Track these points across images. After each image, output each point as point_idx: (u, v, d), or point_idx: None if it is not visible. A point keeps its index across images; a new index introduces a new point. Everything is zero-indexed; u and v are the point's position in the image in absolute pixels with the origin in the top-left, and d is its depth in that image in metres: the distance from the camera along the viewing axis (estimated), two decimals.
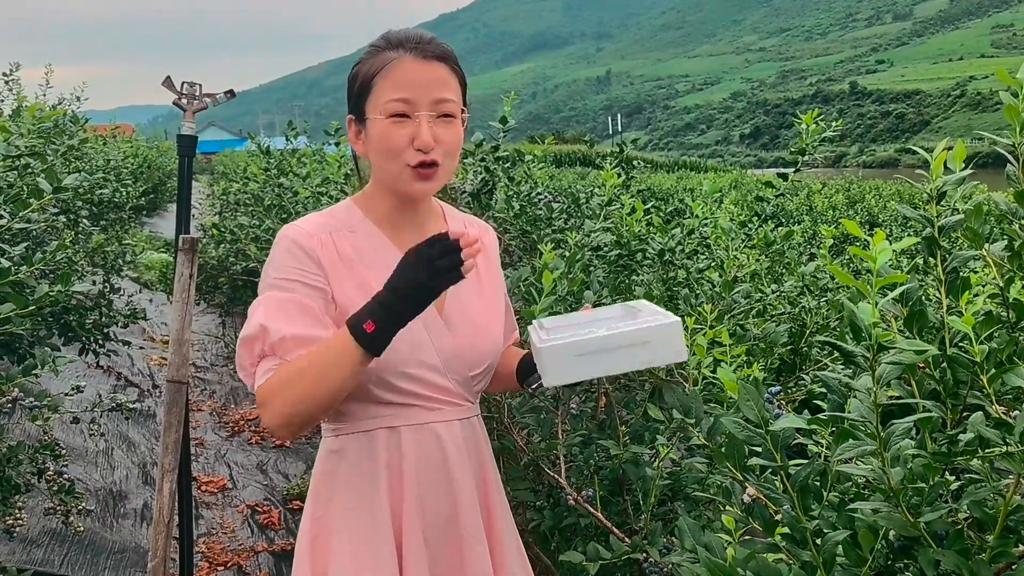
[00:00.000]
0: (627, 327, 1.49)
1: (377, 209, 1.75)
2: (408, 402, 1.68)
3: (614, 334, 1.47)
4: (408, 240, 1.73)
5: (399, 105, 1.62)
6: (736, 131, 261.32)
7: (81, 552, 3.65)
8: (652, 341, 1.47)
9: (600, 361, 1.48)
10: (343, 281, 1.65)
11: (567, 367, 1.48)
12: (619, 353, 1.48)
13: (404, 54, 1.64)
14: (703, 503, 2.43)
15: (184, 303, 2.60)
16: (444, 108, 1.65)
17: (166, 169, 17.91)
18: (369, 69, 1.67)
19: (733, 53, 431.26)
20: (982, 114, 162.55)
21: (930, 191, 1.37)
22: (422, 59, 1.64)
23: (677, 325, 1.48)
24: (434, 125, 1.63)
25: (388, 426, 1.68)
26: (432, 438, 1.70)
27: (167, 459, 2.57)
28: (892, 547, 1.29)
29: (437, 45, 1.68)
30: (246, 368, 1.60)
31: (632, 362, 1.49)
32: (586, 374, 1.50)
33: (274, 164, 5.85)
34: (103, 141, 8.79)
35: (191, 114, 2.71)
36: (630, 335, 1.47)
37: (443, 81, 1.66)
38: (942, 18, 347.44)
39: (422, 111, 1.62)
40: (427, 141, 1.62)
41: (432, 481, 1.69)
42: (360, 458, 1.68)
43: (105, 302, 4.23)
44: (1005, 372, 1.25)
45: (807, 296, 3.18)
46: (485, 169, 3.37)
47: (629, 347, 1.47)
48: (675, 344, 1.48)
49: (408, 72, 1.63)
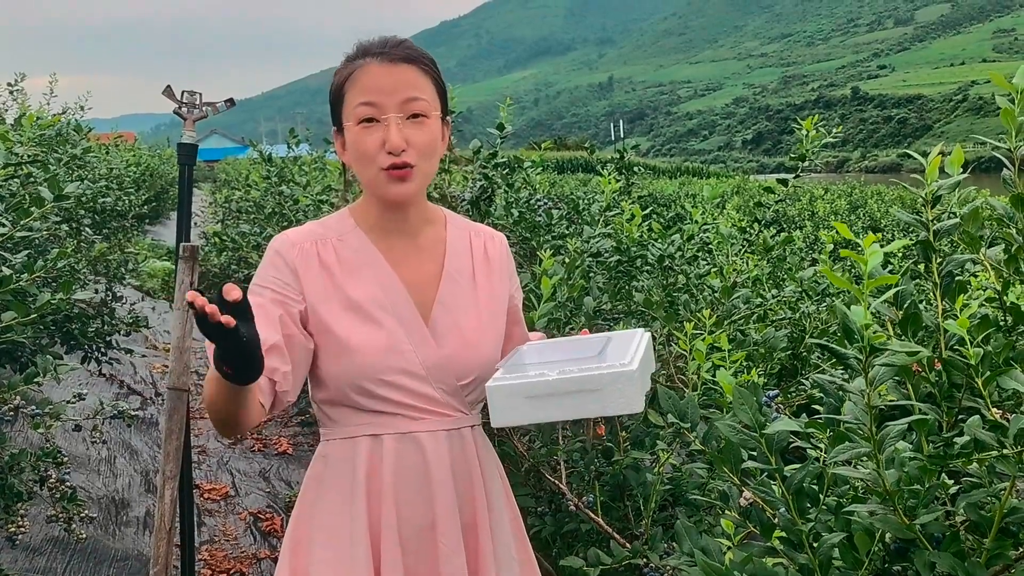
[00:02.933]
0: (579, 372, 1.42)
1: (367, 217, 1.75)
2: (391, 411, 1.67)
3: (564, 379, 1.41)
4: (397, 247, 1.75)
5: (366, 109, 1.63)
6: (738, 137, 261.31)
7: (84, 560, 3.65)
8: (603, 389, 1.40)
9: (549, 405, 1.42)
10: (319, 289, 1.67)
11: (515, 409, 1.43)
12: (569, 399, 1.41)
13: (370, 60, 1.66)
14: (704, 508, 2.43)
15: (185, 311, 2.61)
16: (413, 108, 1.64)
17: (168, 177, 17.93)
18: (339, 79, 1.69)
19: (735, 59, 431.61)
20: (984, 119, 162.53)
21: (925, 195, 1.37)
22: (388, 63, 1.65)
23: (631, 375, 1.39)
24: (404, 127, 1.63)
25: (372, 434, 1.68)
26: (414, 447, 1.69)
27: (168, 466, 2.58)
28: (888, 550, 1.30)
29: (405, 48, 1.68)
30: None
31: (582, 409, 1.42)
32: (535, 417, 1.44)
33: (275, 172, 5.87)
34: (106, 150, 8.81)
35: (191, 123, 2.72)
36: (580, 381, 1.40)
37: (411, 83, 1.66)
38: (943, 23, 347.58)
39: (390, 113, 1.63)
40: (396, 143, 1.62)
41: (410, 490, 1.68)
42: (343, 464, 1.69)
43: (107, 310, 4.24)
44: (1000, 375, 1.25)
45: (806, 301, 3.18)
46: (484, 176, 3.38)
47: (579, 393, 1.40)
48: (627, 394, 1.40)
49: (373, 77, 1.64)
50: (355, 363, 1.64)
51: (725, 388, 1.63)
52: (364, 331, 1.65)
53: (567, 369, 1.43)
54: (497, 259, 1.88)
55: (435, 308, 1.73)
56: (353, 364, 1.64)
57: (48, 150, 4.26)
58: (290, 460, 5.44)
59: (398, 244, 1.75)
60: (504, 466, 2.61)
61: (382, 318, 1.67)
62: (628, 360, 1.42)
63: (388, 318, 1.68)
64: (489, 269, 1.85)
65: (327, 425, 1.74)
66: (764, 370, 2.73)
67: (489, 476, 1.82)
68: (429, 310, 1.73)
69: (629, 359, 1.43)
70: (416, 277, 1.74)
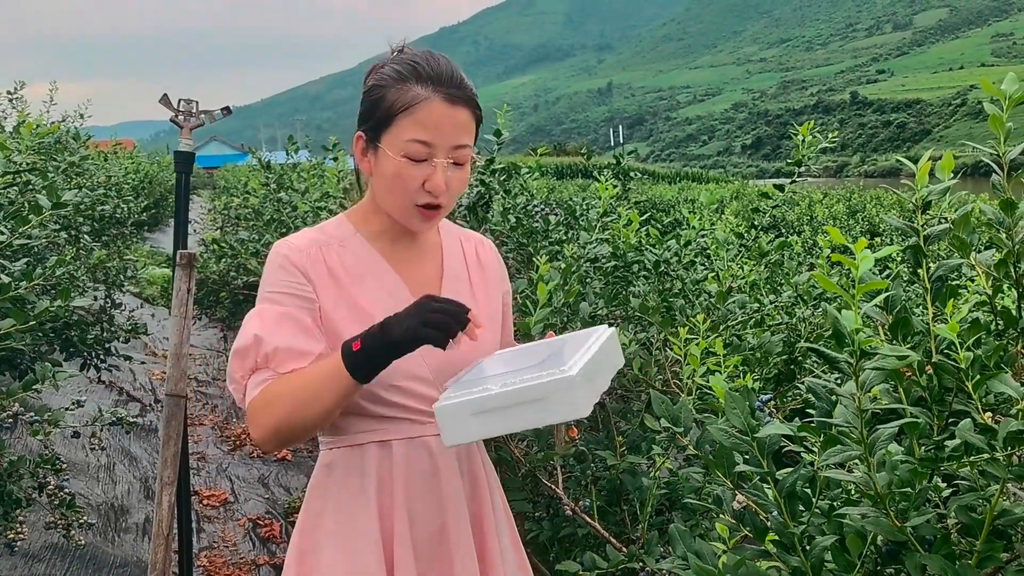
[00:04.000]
0: (520, 383, 1.40)
1: (372, 224, 1.75)
2: (399, 415, 1.67)
3: (506, 392, 1.39)
4: (398, 253, 1.76)
5: (420, 148, 1.61)
6: (738, 142, 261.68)
7: (83, 567, 3.66)
8: (547, 397, 1.38)
9: (496, 419, 1.41)
10: (330, 296, 1.66)
11: (463, 426, 1.42)
12: (517, 410, 1.40)
13: (433, 95, 1.61)
14: (699, 512, 2.44)
15: (182, 318, 2.62)
16: (460, 155, 1.64)
17: (167, 184, 17.95)
18: (395, 100, 1.63)
19: (734, 64, 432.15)
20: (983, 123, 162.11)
21: (915, 200, 1.38)
22: (449, 103, 1.62)
23: (571, 381, 1.37)
24: (447, 169, 1.63)
25: (379, 440, 1.68)
26: (423, 451, 1.69)
27: (166, 472, 2.59)
28: (880, 552, 1.30)
29: (465, 88, 1.66)
30: (237, 381, 1.60)
31: (529, 420, 1.41)
32: (485, 432, 1.43)
33: (274, 179, 5.88)
34: (104, 157, 8.82)
35: (188, 131, 2.73)
36: (523, 392, 1.39)
37: (464, 127, 1.64)
38: (942, 27, 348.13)
39: (440, 158, 1.62)
40: (440, 187, 1.62)
41: (422, 495, 1.69)
42: (351, 472, 1.68)
43: (106, 317, 4.26)
44: (990, 379, 1.26)
45: (802, 306, 3.19)
46: (481, 182, 3.39)
47: (524, 404, 1.39)
48: (571, 400, 1.38)
49: (434, 116, 1.61)
50: None
51: (718, 392, 1.63)
52: None
53: (509, 381, 1.42)
54: (490, 263, 1.91)
55: None
56: None
57: (47, 158, 4.27)
58: (289, 466, 5.44)
59: (399, 250, 1.76)
60: (501, 471, 2.62)
61: None
62: (568, 366, 1.41)
63: None
64: (483, 273, 1.88)
65: (331, 433, 1.72)
66: (760, 375, 2.73)
67: (491, 477, 1.85)
68: None
69: (568, 365, 1.42)
70: (419, 282, 1.76)
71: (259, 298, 1.67)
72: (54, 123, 5.97)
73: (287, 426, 1.54)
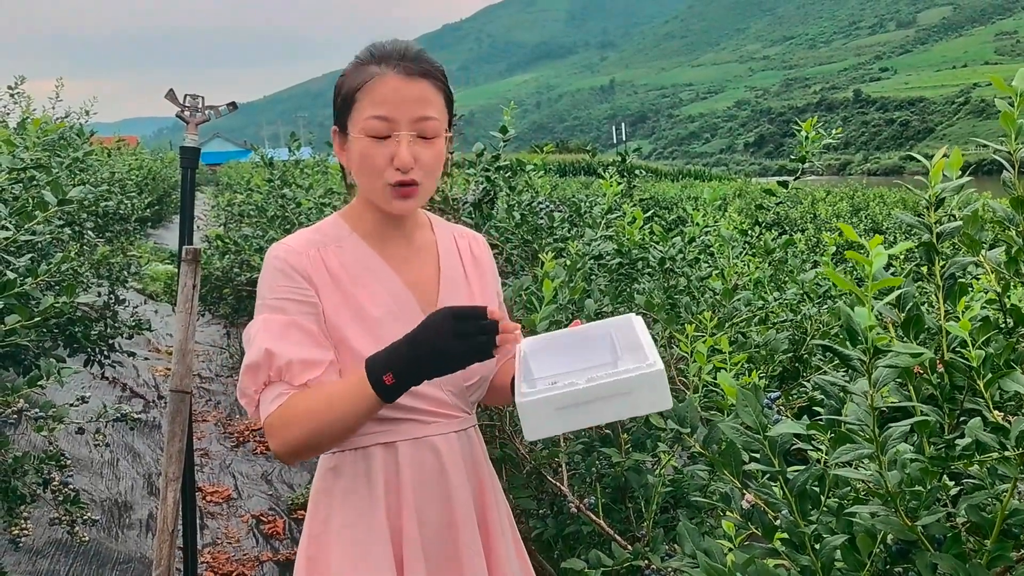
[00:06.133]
0: (608, 378, 1.42)
1: (364, 222, 1.74)
2: (404, 416, 1.66)
3: (594, 386, 1.41)
4: (395, 252, 1.74)
5: (379, 123, 1.60)
6: (740, 139, 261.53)
7: (87, 563, 3.66)
8: (634, 391, 1.40)
9: (580, 413, 1.42)
10: (332, 297, 1.65)
11: (547, 421, 1.43)
12: (600, 404, 1.41)
13: (387, 70, 1.62)
14: (705, 510, 2.44)
15: (187, 313, 2.62)
16: (425, 127, 1.63)
17: (171, 181, 17.96)
18: (352, 83, 1.64)
19: (737, 61, 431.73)
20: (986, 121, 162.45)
21: (928, 198, 1.38)
22: (405, 76, 1.62)
23: (660, 374, 1.41)
24: (414, 144, 1.62)
25: (384, 442, 1.67)
26: (430, 452, 1.69)
27: (171, 468, 2.58)
28: (890, 551, 1.30)
29: (422, 61, 1.65)
30: (249, 395, 1.59)
31: (614, 413, 1.43)
32: (567, 426, 1.44)
33: (277, 175, 5.88)
34: (108, 153, 8.82)
35: (194, 126, 2.73)
36: (611, 386, 1.41)
37: (425, 99, 1.63)
38: (945, 25, 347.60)
39: (402, 130, 1.61)
40: (406, 161, 1.60)
41: (430, 495, 1.68)
42: (356, 475, 1.67)
43: (110, 313, 4.25)
44: (1002, 377, 1.25)
45: (808, 303, 3.18)
46: (486, 179, 3.38)
47: (610, 398, 1.40)
48: (658, 392, 1.42)
49: (389, 90, 1.61)
50: None
51: (726, 390, 1.63)
52: (378, 339, 1.63)
53: (595, 376, 1.43)
54: (483, 259, 1.90)
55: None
56: None
57: (51, 154, 4.27)
58: None
59: (396, 249, 1.75)
60: (506, 468, 2.62)
61: (394, 326, 1.65)
62: (652, 360, 1.44)
63: (399, 325, 1.66)
64: (478, 269, 1.87)
65: None
66: (765, 372, 2.73)
67: (494, 478, 1.84)
68: (432, 311, 1.73)
69: (652, 358, 1.44)
70: (417, 280, 1.75)
71: (260, 305, 1.65)
72: (59, 120, 5.97)
73: (310, 444, 1.55)
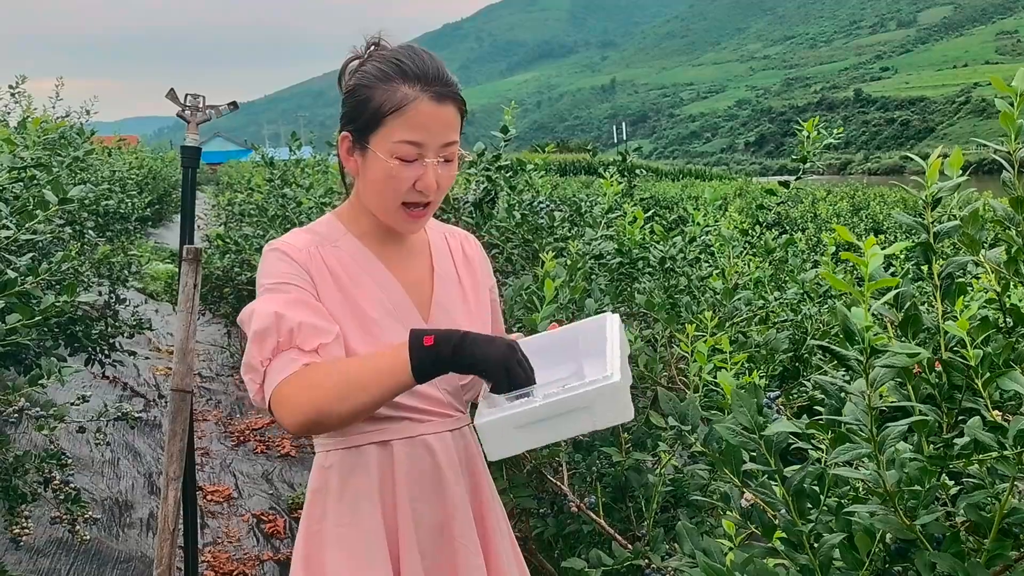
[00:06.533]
0: (564, 393, 1.40)
1: (360, 224, 1.74)
2: (399, 415, 1.66)
3: (551, 402, 1.39)
4: (390, 251, 1.75)
5: (411, 150, 1.59)
6: (741, 139, 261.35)
7: (87, 561, 3.66)
8: (593, 405, 1.38)
9: (542, 430, 1.40)
10: (331, 295, 1.64)
11: (508, 440, 1.41)
12: (560, 420, 1.39)
13: (420, 94, 1.59)
14: (705, 509, 2.44)
15: (188, 312, 2.62)
16: (449, 152, 1.64)
17: (171, 180, 17.96)
18: (384, 102, 1.60)
19: (738, 61, 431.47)
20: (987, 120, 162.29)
21: (925, 197, 1.38)
22: (437, 101, 1.61)
23: (616, 387, 1.38)
24: (437, 167, 1.63)
25: (379, 440, 1.67)
26: (424, 450, 1.69)
27: (172, 468, 2.59)
28: (889, 550, 1.30)
29: (451, 84, 1.64)
30: (255, 368, 1.55)
31: (576, 427, 1.41)
32: (530, 444, 1.43)
33: (278, 175, 5.88)
34: (108, 152, 8.83)
35: (194, 126, 2.73)
36: (568, 402, 1.38)
37: (451, 124, 1.64)
38: (946, 25, 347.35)
39: (430, 157, 1.61)
40: (432, 186, 1.62)
41: (425, 493, 1.68)
42: (351, 474, 1.67)
43: (111, 312, 4.25)
44: (1000, 376, 1.26)
45: (808, 303, 3.19)
46: (487, 178, 3.39)
47: (570, 413, 1.39)
48: (618, 405, 1.39)
49: (423, 116, 1.59)
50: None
51: (726, 389, 1.63)
52: (374, 337, 1.64)
53: (551, 392, 1.41)
54: (476, 258, 1.91)
55: (433, 309, 1.75)
56: None
57: (51, 153, 4.27)
58: (293, 462, 5.44)
59: (391, 249, 1.75)
60: (506, 468, 2.62)
61: (390, 324, 1.66)
62: (609, 371, 1.41)
63: (396, 323, 1.67)
64: (470, 268, 1.88)
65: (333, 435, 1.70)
66: (766, 372, 2.73)
67: (486, 471, 1.84)
68: (427, 311, 1.74)
69: (610, 369, 1.42)
70: (411, 280, 1.75)
71: (260, 290, 1.63)
72: (59, 119, 5.97)
73: (327, 413, 1.47)
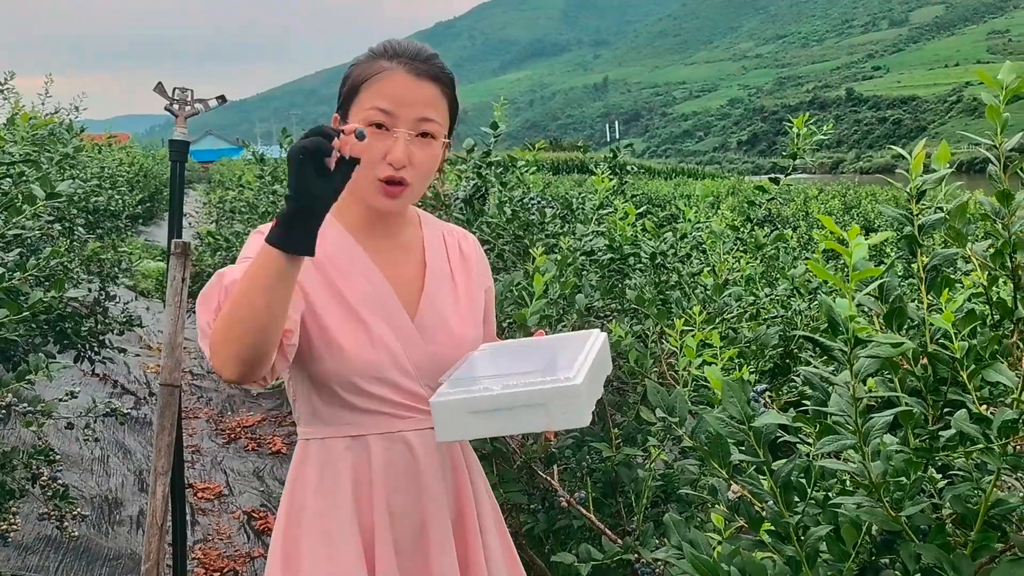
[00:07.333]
0: (524, 387, 1.39)
1: (349, 214, 1.73)
2: (379, 409, 1.66)
3: (508, 393, 1.39)
4: (379, 245, 1.73)
5: (380, 115, 1.60)
6: (733, 138, 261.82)
7: (76, 559, 3.65)
8: (548, 404, 1.37)
9: (497, 420, 1.40)
10: (315, 282, 1.63)
11: (459, 424, 1.41)
12: (516, 413, 1.39)
13: (397, 67, 1.62)
14: (696, 504, 2.44)
15: (177, 307, 2.61)
16: (425, 127, 1.63)
17: (162, 178, 17.92)
18: (361, 73, 1.65)
19: (730, 60, 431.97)
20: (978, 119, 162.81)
21: (910, 190, 1.38)
22: (414, 75, 1.62)
23: (575, 389, 1.37)
24: (412, 144, 1.61)
25: (356, 434, 1.66)
26: (402, 446, 1.68)
27: (160, 462, 2.58)
28: (875, 542, 1.30)
29: (433, 64, 1.65)
30: (205, 331, 1.48)
31: (530, 424, 1.40)
32: (482, 432, 1.42)
33: (268, 171, 5.87)
34: (98, 149, 8.80)
35: (183, 120, 2.72)
36: (525, 395, 1.38)
37: (430, 101, 1.64)
38: (938, 24, 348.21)
39: (401, 127, 1.60)
40: (400, 158, 1.60)
41: (402, 490, 1.67)
42: (328, 466, 1.66)
43: (100, 309, 4.24)
44: (985, 368, 1.26)
45: (798, 299, 3.19)
46: (477, 175, 3.39)
47: (524, 407, 1.38)
48: (574, 408, 1.37)
49: (396, 85, 1.61)
50: (349, 361, 1.62)
51: (714, 384, 1.63)
52: (357, 330, 1.63)
53: (511, 383, 1.41)
54: (473, 258, 1.89)
55: (422, 305, 1.73)
56: (346, 362, 1.62)
57: (40, 149, 4.26)
58: (284, 459, 5.44)
59: (381, 243, 1.74)
60: (497, 463, 2.62)
61: (373, 317, 1.66)
62: (574, 374, 1.40)
63: (379, 317, 1.67)
64: (466, 267, 1.86)
65: (310, 424, 1.70)
66: (756, 367, 2.73)
67: (475, 472, 1.83)
68: (415, 308, 1.72)
69: (575, 372, 1.41)
70: (400, 276, 1.74)
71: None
72: (48, 116, 5.95)
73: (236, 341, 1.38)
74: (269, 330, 1.39)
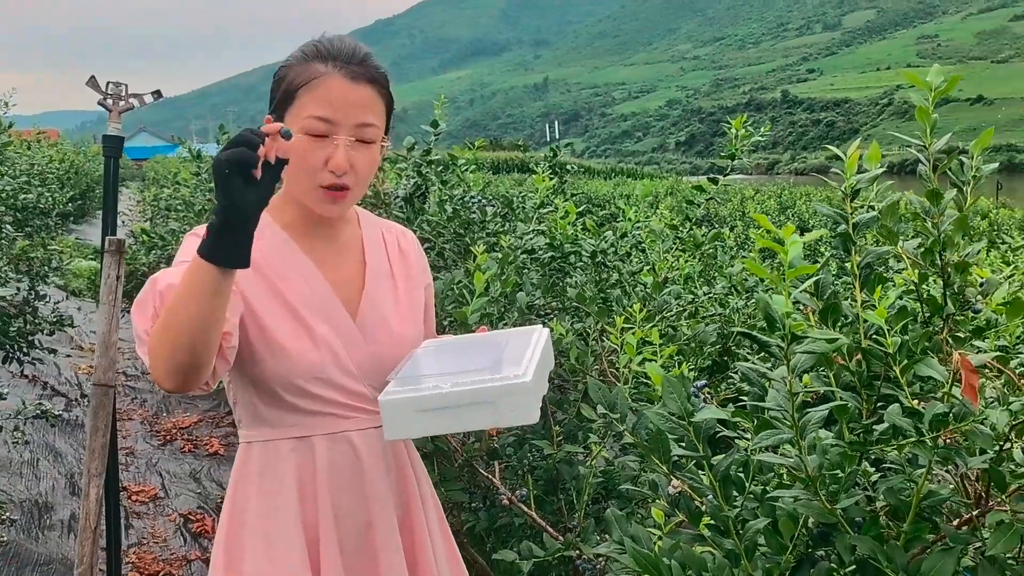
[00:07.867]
0: (472, 385, 1.40)
1: (286, 214, 1.71)
2: (322, 410, 1.64)
3: (457, 391, 1.39)
4: (318, 246, 1.71)
5: (319, 125, 1.58)
6: (672, 138, 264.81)
7: (5, 564, 3.55)
8: (497, 402, 1.38)
9: (445, 418, 1.40)
10: (253, 285, 1.60)
11: (408, 422, 1.41)
12: (464, 411, 1.39)
13: (333, 71, 1.59)
14: (636, 500, 2.46)
15: (111, 305, 2.56)
16: (363, 133, 1.61)
17: (95, 175, 17.51)
18: (296, 78, 1.61)
19: (669, 61, 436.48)
20: (910, 122, 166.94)
21: (844, 189, 1.41)
22: (350, 80, 1.60)
23: (523, 387, 1.38)
24: (352, 149, 1.60)
25: (299, 435, 1.65)
26: (346, 446, 1.67)
27: (93, 464, 2.52)
28: (811, 534, 1.33)
29: (368, 66, 1.63)
30: (143, 339, 1.46)
31: (478, 421, 1.41)
32: (430, 429, 1.43)
33: (205, 168, 5.78)
34: (27, 145, 8.56)
35: (116, 115, 2.66)
36: (474, 393, 1.39)
37: (368, 105, 1.62)
38: (870, 28, 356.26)
39: (341, 135, 1.59)
40: (342, 165, 1.58)
41: (347, 490, 1.66)
42: (271, 468, 1.65)
43: (30, 309, 4.13)
44: (917, 363, 1.30)
45: (735, 297, 3.24)
46: (418, 173, 3.37)
47: (473, 405, 1.39)
48: (523, 405, 1.38)
49: (333, 91, 1.59)
50: (292, 362, 1.60)
51: (655, 380, 1.65)
52: (298, 331, 1.62)
53: (460, 381, 1.41)
54: (412, 255, 1.88)
55: (363, 305, 1.72)
56: (289, 363, 1.60)
57: None
58: (222, 461, 5.35)
59: (319, 243, 1.72)
60: (438, 461, 2.62)
61: (313, 318, 1.64)
62: (522, 371, 1.41)
63: (319, 317, 1.65)
64: (405, 264, 1.85)
65: (251, 427, 1.68)
66: (695, 364, 2.77)
67: (419, 471, 1.83)
68: (355, 308, 1.71)
69: (523, 369, 1.42)
70: (339, 275, 1.72)
71: None
72: None
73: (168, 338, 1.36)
74: (208, 337, 1.38)
